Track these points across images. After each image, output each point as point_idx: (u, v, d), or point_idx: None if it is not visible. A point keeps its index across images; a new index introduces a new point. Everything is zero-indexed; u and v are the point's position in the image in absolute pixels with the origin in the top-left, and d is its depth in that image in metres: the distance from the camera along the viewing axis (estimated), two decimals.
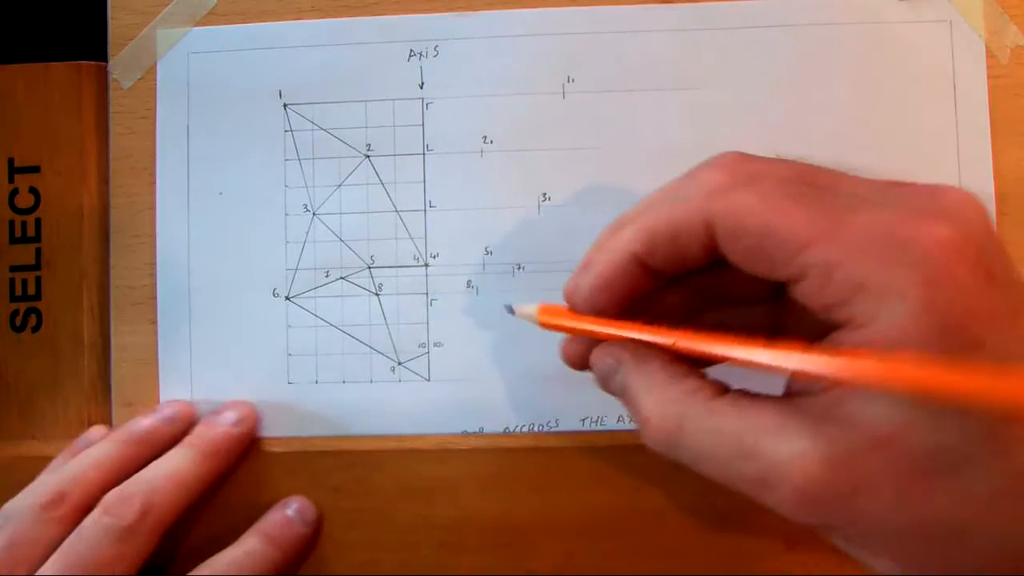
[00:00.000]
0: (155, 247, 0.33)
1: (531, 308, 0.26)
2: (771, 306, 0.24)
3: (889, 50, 0.32)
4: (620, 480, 0.30)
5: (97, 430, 0.31)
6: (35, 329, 0.33)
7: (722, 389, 0.22)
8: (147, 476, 0.28)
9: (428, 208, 0.32)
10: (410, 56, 0.32)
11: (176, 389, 0.32)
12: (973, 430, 0.18)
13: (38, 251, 0.33)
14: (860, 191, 0.21)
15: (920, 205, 0.20)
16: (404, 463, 0.31)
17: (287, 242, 0.32)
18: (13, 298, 0.33)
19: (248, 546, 0.29)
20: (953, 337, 0.18)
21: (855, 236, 0.19)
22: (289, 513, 0.30)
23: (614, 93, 0.32)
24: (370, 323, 0.32)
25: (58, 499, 0.27)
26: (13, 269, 0.33)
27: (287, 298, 0.32)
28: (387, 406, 0.32)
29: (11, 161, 0.33)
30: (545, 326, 0.25)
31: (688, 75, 0.32)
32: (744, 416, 0.20)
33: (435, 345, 0.32)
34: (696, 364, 0.22)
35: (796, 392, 0.21)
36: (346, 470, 0.31)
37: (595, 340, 0.24)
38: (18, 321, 0.33)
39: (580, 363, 0.25)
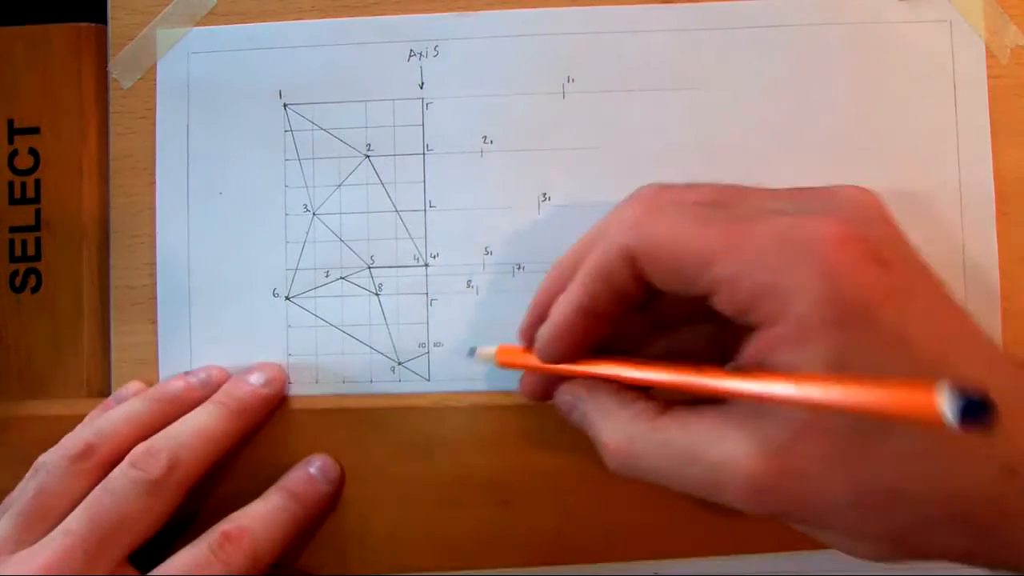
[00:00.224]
0: (155, 247, 0.33)
1: (490, 350, 0.29)
2: (715, 321, 0.25)
3: (889, 50, 0.32)
4: None
5: (133, 385, 0.32)
6: (35, 290, 0.33)
7: (666, 406, 0.24)
8: (174, 431, 0.28)
9: (428, 208, 0.32)
10: (410, 56, 0.32)
11: None
12: None
13: (38, 212, 0.33)
14: (763, 204, 0.23)
15: (814, 207, 0.22)
16: (403, 420, 0.31)
17: (287, 242, 0.32)
18: (13, 259, 0.33)
19: (272, 501, 0.29)
20: (851, 322, 0.20)
21: (755, 247, 0.21)
22: (312, 471, 0.30)
23: (614, 93, 0.32)
24: (370, 323, 0.32)
25: (87, 452, 0.28)
26: (13, 230, 0.33)
27: (287, 298, 0.32)
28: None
29: (11, 123, 0.33)
30: (504, 366, 0.29)
31: (688, 75, 0.32)
32: (686, 428, 0.23)
33: (435, 345, 0.32)
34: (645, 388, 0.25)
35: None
36: (345, 428, 0.31)
37: (551, 375, 0.27)
38: (18, 282, 0.33)
39: (539, 395, 0.28)
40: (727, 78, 0.32)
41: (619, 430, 0.24)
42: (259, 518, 0.28)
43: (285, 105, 0.33)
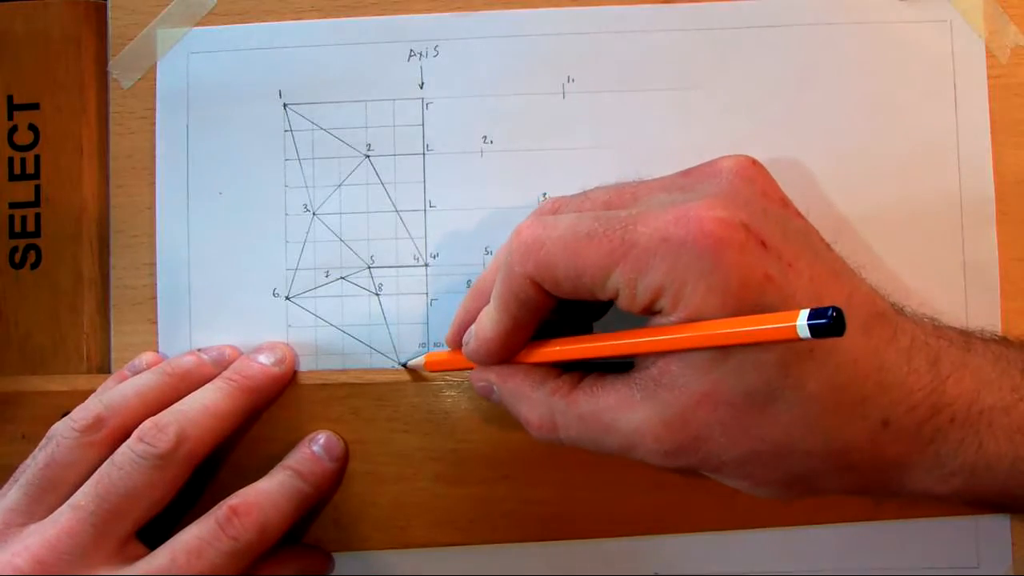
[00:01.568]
0: (155, 247, 0.33)
1: (419, 360, 0.31)
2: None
3: (889, 50, 0.32)
4: None
5: (147, 356, 0.32)
6: (34, 266, 0.33)
7: (578, 379, 0.26)
8: (183, 407, 0.28)
9: (428, 208, 0.32)
10: (410, 56, 0.32)
11: None
12: (770, 372, 0.22)
13: (37, 188, 0.33)
14: (649, 199, 0.25)
15: (697, 193, 0.24)
16: (403, 396, 0.31)
17: (287, 242, 0.32)
18: (12, 235, 0.33)
19: (278, 479, 0.29)
20: (739, 305, 0.22)
21: (643, 251, 0.23)
22: (316, 449, 0.30)
23: (614, 93, 0.32)
24: (370, 323, 0.32)
25: (97, 423, 0.28)
26: (12, 206, 0.33)
27: (287, 298, 0.32)
28: None
29: (10, 98, 0.33)
30: (432, 368, 0.30)
31: (688, 75, 0.32)
32: (596, 400, 0.25)
33: (435, 345, 0.32)
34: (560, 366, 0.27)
35: (636, 367, 0.25)
36: (344, 402, 0.31)
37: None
38: (17, 258, 0.33)
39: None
40: (727, 78, 0.32)
41: (536, 408, 0.26)
42: (266, 494, 0.28)
43: (285, 105, 0.33)
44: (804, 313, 0.20)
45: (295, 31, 0.33)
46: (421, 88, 0.32)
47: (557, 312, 0.26)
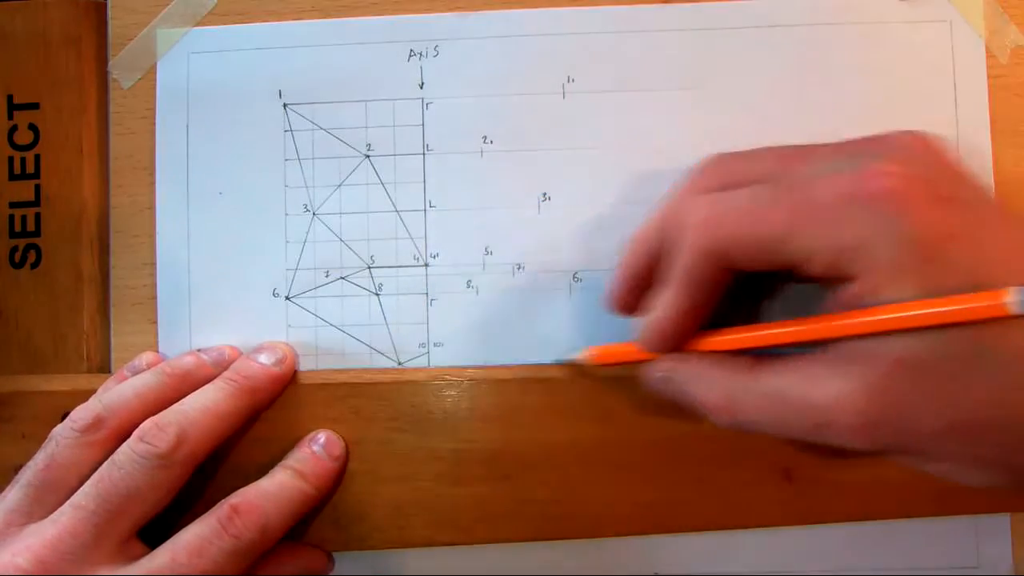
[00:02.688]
0: (155, 247, 0.33)
1: (580, 355, 0.30)
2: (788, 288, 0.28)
3: (889, 50, 0.32)
4: (617, 411, 0.30)
5: (147, 356, 0.32)
6: (34, 265, 0.33)
7: (757, 359, 0.25)
8: (184, 407, 0.28)
9: (428, 208, 0.32)
10: (410, 56, 0.32)
11: None
12: (971, 336, 0.21)
13: (37, 187, 0.33)
14: (821, 165, 0.24)
15: (870, 158, 0.23)
16: (402, 394, 0.31)
17: (287, 242, 0.32)
18: (12, 234, 0.33)
19: (278, 478, 0.29)
20: (929, 259, 0.21)
21: (825, 214, 0.23)
22: (316, 448, 0.30)
23: (614, 93, 0.32)
24: (370, 323, 0.32)
25: (97, 424, 0.28)
26: (12, 205, 0.33)
27: (287, 298, 0.32)
28: None
29: (10, 98, 0.33)
30: (600, 361, 0.30)
31: (688, 75, 0.32)
32: (783, 376, 0.24)
33: (435, 345, 0.32)
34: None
35: (822, 346, 0.24)
36: (344, 401, 0.31)
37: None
38: (17, 257, 0.33)
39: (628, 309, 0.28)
40: (727, 78, 0.32)
41: (717, 388, 0.25)
42: (267, 493, 0.28)
43: (285, 105, 0.33)
44: (1017, 290, 0.20)
45: (295, 31, 0.33)
46: (421, 88, 0.32)
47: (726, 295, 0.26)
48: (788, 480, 0.30)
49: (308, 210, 0.32)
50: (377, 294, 0.32)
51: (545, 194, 0.32)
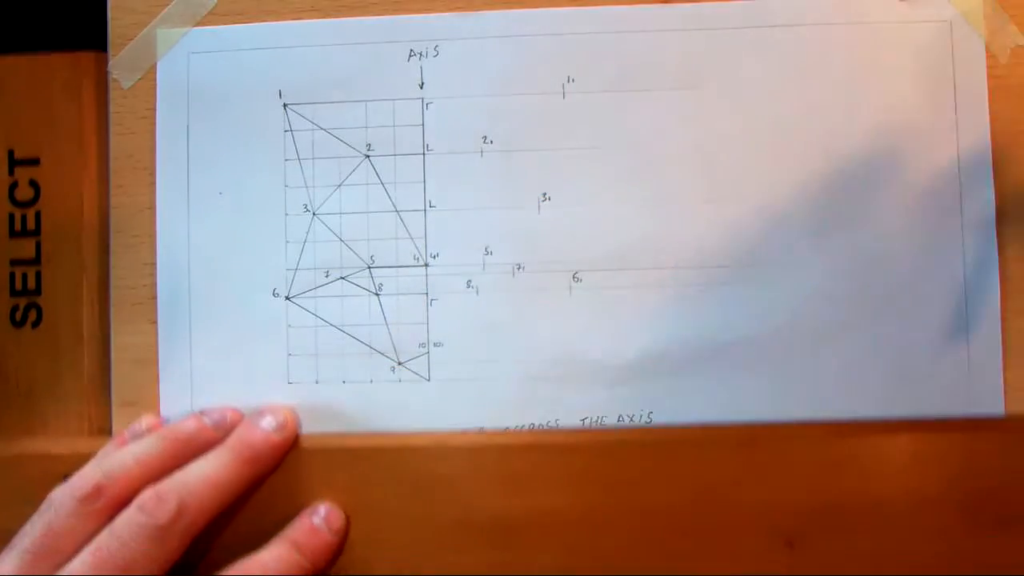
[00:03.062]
0: (155, 247, 0.33)
1: None
2: None
3: (889, 50, 0.32)
4: (619, 478, 0.30)
5: (146, 419, 0.32)
6: (35, 324, 0.32)
7: None
8: (184, 477, 0.28)
9: (428, 208, 0.32)
10: (410, 56, 0.32)
11: (176, 389, 0.32)
12: None
13: (38, 245, 0.33)
14: None
15: None
16: (403, 460, 0.31)
17: (287, 242, 0.32)
18: (13, 292, 0.32)
19: (276, 552, 0.28)
20: None
21: None
22: (316, 521, 0.30)
23: (614, 93, 0.32)
24: (370, 323, 0.32)
25: (96, 493, 0.27)
26: (13, 263, 0.33)
27: (287, 298, 0.32)
28: (387, 406, 0.32)
29: (11, 153, 0.33)
30: None
31: (688, 75, 0.32)
32: None
33: (435, 345, 0.32)
34: None
35: None
36: (346, 467, 0.31)
37: None
38: (18, 316, 0.32)
39: None
40: (727, 78, 0.32)
41: None
42: (266, 567, 0.28)
43: (285, 105, 0.33)
44: None
45: (295, 31, 0.33)
46: (421, 88, 0.32)
47: None
48: (790, 547, 0.30)
49: (308, 210, 0.32)
50: (377, 294, 0.32)
51: (545, 194, 0.32)
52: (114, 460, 0.28)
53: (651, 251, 0.32)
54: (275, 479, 0.31)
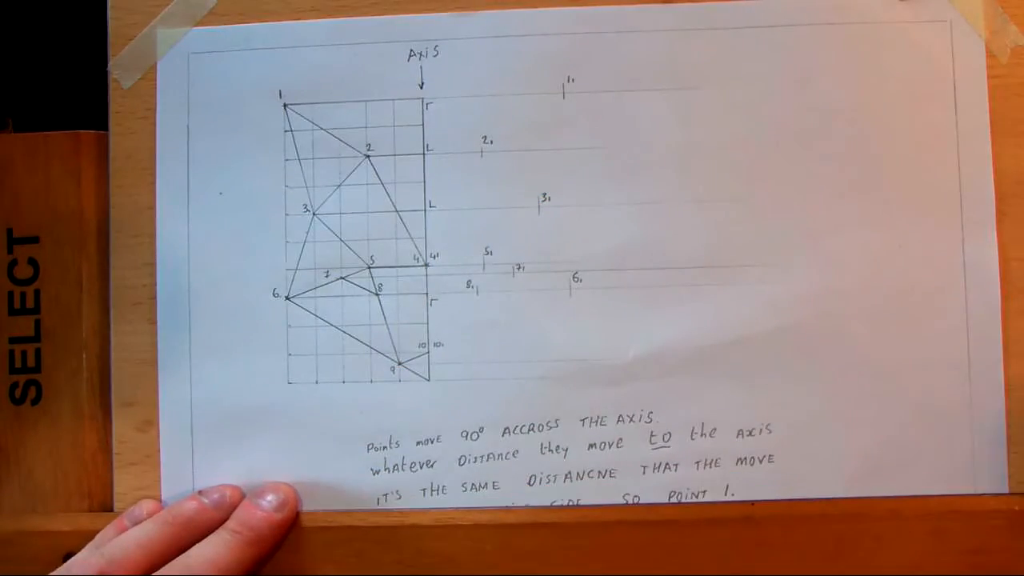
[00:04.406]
0: (155, 247, 0.33)
1: None
2: None
3: (889, 50, 0.32)
4: (623, 554, 0.30)
5: (146, 504, 0.31)
6: (35, 401, 0.32)
7: None
8: (188, 561, 0.28)
9: (428, 208, 0.32)
10: (410, 56, 0.32)
11: (176, 389, 0.32)
12: None
13: (37, 322, 0.33)
14: None
15: None
16: (405, 539, 0.31)
17: (287, 242, 0.32)
18: (13, 370, 0.32)
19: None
20: None
21: None
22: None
23: (614, 93, 0.32)
24: (370, 323, 0.32)
25: None
26: (13, 341, 0.32)
27: (287, 298, 0.32)
28: (387, 406, 0.32)
29: (10, 231, 0.33)
30: None
31: (688, 75, 0.32)
32: None
33: (435, 345, 0.32)
34: None
35: None
36: (347, 545, 0.31)
37: None
38: (18, 393, 0.32)
39: None
40: (727, 78, 0.32)
41: None
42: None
43: (285, 105, 0.33)
44: None
45: (295, 31, 0.33)
46: (421, 88, 0.32)
47: None
48: None
49: (308, 210, 0.32)
50: (377, 294, 0.32)
51: (545, 194, 0.32)
52: (115, 546, 0.28)
53: (651, 251, 0.32)
54: (278, 557, 0.31)
